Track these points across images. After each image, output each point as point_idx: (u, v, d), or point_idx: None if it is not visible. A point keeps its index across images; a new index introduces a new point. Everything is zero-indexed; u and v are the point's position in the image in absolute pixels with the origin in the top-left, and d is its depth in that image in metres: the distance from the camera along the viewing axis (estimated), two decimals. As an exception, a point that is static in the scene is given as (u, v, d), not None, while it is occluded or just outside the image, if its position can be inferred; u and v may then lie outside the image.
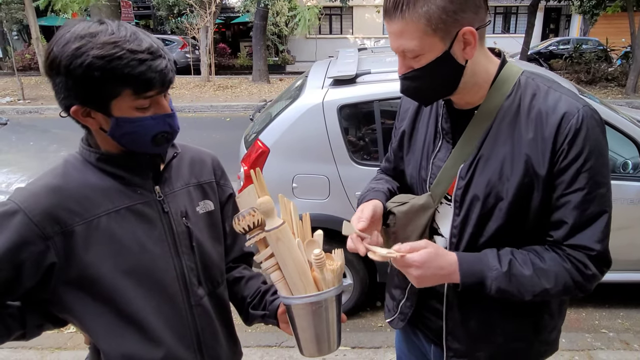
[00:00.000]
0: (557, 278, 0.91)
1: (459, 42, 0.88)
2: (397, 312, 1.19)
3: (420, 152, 1.09)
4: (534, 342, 1.07)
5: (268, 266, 0.90)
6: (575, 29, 21.12)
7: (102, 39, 0.78)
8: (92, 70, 0.77)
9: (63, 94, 0.83)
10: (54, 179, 0.87)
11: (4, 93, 11.51)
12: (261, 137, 2.66)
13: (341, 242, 1.01)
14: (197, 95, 11.52)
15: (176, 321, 0.95)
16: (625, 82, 11.04)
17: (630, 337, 2.59)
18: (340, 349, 2.48)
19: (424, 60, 0.89)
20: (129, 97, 0.81)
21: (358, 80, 2.63)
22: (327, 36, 21.70)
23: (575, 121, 0.88)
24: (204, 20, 12.61)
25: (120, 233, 0.88)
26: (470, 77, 0.93)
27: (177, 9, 17.83)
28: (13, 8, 16.76)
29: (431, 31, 0.86)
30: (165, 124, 0.87)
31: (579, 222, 0.90)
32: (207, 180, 1.05)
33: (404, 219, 1.06)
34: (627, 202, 2.54)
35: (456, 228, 1.00)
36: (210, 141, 7.10)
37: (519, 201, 0.92)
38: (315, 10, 13.27)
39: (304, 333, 0.93)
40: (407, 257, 0.89)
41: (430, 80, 0.93)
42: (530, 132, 0.91)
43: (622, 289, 3.05)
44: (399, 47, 0.90)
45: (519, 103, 0.94)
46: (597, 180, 0.90)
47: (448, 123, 1.03)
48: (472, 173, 0.97)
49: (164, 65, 0.82)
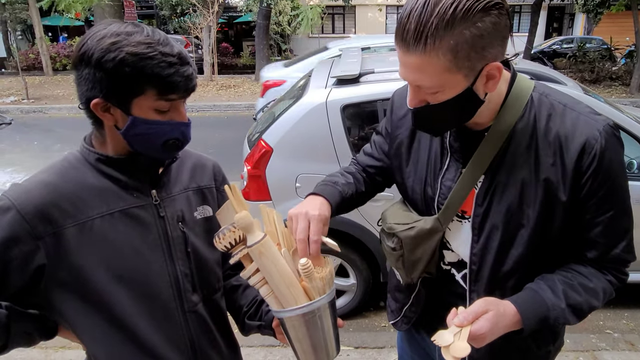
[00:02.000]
0: (604, 293, 0.94)
1: (482, 77, 0.81)
2: (400, 315, 1.17)
3: (424, 167, 1.03)
4: (551, 353, 1.08)
5: (255, 282, 0.88)
6: (579, 28, 21.01)
7: (138, 38, 0.81)
8: (124, 65, 0.79)
9: (88, 86, 0.83)
10: (50, 177, 0.86)
11: (8, 93, 11.55)
12: (264, 136, 2.66)
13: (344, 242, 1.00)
14: (200, 94, 11.53)
15: (169, 328, 0.93)
16: (629, 81, 10.98)
17: (635, 338, 2.57)
18: (344, 349, 2.48)
19: (442, 97, 0.82)
20: (152, 97, 0.83)
21: (362, 79, 2.62)
22: (330, 35, 21.66)
23: (599, 147, 0.85)
24: (206, 19, 12.61)
25: (114, 236, 0.86)
26: (485, 105, 0.88)
27: (180, 9, 17.85)
28: (17, 8, 16.82)
29: (455, 69, 0.78)
30: (179, 132, 0.88)
31: (612, 240, 0.92)
32: (207, 186, 1.04)
33: (412, 243, 1.01)
34: (634, 202, 2.51)
35: (476, 256, 0.97)
36: (213, 140, 7.10)
37: (540, 227, 0.90)
38: (318, 9, 13.27)
39: (300, 344, 0.90)
40: (473, 330, 0.82)
41: (445, 115, 0.87)
42: (549, 157, 0.88)
43: (627, 289, 3.02)
44: (415, 81, 0.82)
45: (534, 125, 0.89)
46: (623, 198, 0.91)
47: (457, 142, 0.97)
48: (490, 200, 0.93)
49: (190, 72, 0.85)
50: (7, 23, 17.54)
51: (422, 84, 0.82)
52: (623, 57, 13.56)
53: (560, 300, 0.90)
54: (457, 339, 0.81)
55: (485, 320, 0.83)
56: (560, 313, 0.90)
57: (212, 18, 12.55)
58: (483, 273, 0.97)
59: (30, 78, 11.88)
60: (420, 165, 1.04)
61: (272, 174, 2.61)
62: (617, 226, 0.91)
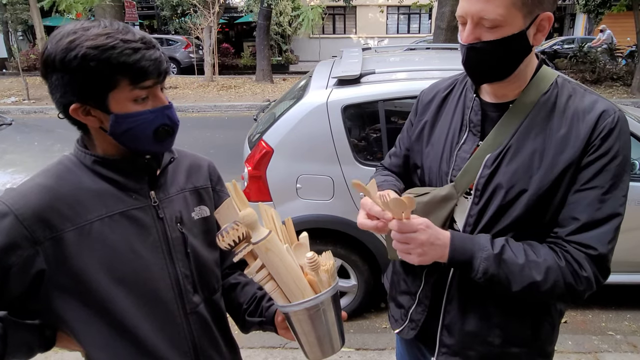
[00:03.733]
0: (548, 273, 0.88)
1: (535, 25, 0.87)
2: (406, 320, 1.14)
3: (442, 144, 1.06)
4: (530, 348, 1.04)
5: (260, 278, 0.88)
6: (580, 28, 21.00)
7: (95, 31, 0.79)
8: (87, 60, 0.77)
9: (60, 92, 0.82)
10: (46, 180, 0.85)
11: (9, 93, 11.56)
12: (265, 137, 2.65)
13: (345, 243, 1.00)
14: (201, 95, 11.53)
15: (171, 329, 0.93)
16: (630, 81, 10.97)
17: (637, 340, 2.56)
18: (345, 351, 2.47)
19: (500, 34, 0.86)
20: (126, 88, 0.81)
21: (362, 80, 2.61)
22: (331, 36, 21.68)
23: (611, 120, 0.89)
24: (207, 20, 12.62)
25: (113, 239, 0.85)
26: (524, 66, 0.93)
27: (180, 9, 17.86)
28: (18, 9, 16.85)
29: (520, 4, 0.83)
30: (165, 117, 0.86)
31: (590, 221, 0.89)
32: (203, 186, 1.03)
33: (424, 210, 1.00)
34: (635, 204, 2.51)
35: (472, 217, 0.98)
36: (214, 141, 7.10)
37: (542, 195, 0.91)
38: (319, 9, 13.28)
39: (306, 337, 0.92)
40: (413, 220, 0.87)
41: (496, 56, 0.89)
42: (564, 128, 0.91)
43: (629, 291, 3.03)
44: (480, 11, 0.85)
45: (554, 101, 0.94)
46: (617, 182, 0.89)
47: (478, 116, 1.01)
48: (499, 163, 0.95)
49: (158, 55, 0.83)
50: (8, 23, 17.57)
51: (487, 15, 0.84)
52: (624, 58, 13.54)
53: (495, 247, 0.90)
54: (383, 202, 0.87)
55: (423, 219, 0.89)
56: (488, 257, 0.89)
57: (212, 19, 12.56)
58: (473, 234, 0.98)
59: (31, 78, 11.88)
60: (438, 143, 1.07)
61: (272, 175, 2.61)
62: (600, 209, 0.89)
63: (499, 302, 0.99)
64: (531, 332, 1.02)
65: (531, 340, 1.03)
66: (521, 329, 1.02)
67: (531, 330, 1.02)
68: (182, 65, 16.41)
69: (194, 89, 12.29)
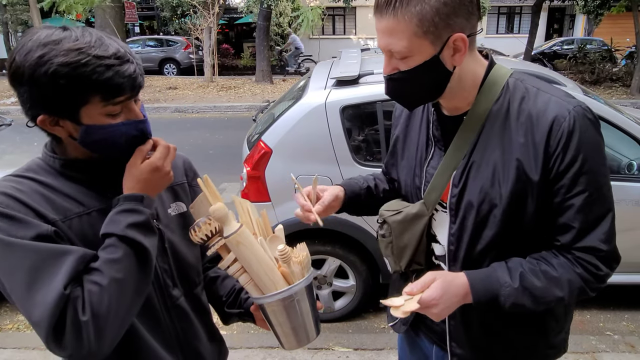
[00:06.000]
0: (570, 285, 0.91)
1: (449, 48, 0.86)
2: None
3: (413, 159, 1.08)
4: (538, 346, 1.06)
5: (234, 271, 0.90)
6: (580, 29, 21.02)
7: (66, 45, 0.76)
8: (58, 78, 0.75)
9: (29, 104, 0.80)
10: (19, 183, 0.83)
11: (9, 94, 11.56)
12: (264, 137, 2.66)
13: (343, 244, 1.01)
14: (201, 95, 11.53)
15: (154, 323, 0.94)
16: (630, 82, 10.97)
17: (635, 340, 2.57)
18: (343, 351, 2.48)
19: (412, 63, 0.87)
20: (98, 104, 0.79)
21: (361, 80, 2.62)
22: (330, 36, 21.69)
23: (567, 124, 0.86)
24: (207, 21, 12.63)
25: (92, 236, 0.84)
26: (457, 82, 0.92)
27: (180, 10, 17.87)
28: (18, 9, 16.85)
29: (422, 33, 0.84)
30: (137, 130, 0.85)
31: (585, 225, 0.89)
32: (178, 182, 1.04)
33: (399, 228, 1.06)
34: (633, 204, 2.51)
35: (453, 236, 0.99)
36: (213, 142, 7.11)
37: (513, 207, 0.91)
38: (318, 10, 13.27)
39: (281, 328, 0.94)
40: (423, 297, 0.87)
41: (416, 84, 0.91)
42: (520, 136, 0.90)
43: (627, 291, 3.03)
44: (387, 45, 0.88)
45: (507, 107, 0.92)
46: (598, 181, 0.89)
47: (439, 130, 1.02)
48: (465, 180, 0.95)
49: (133, 70, 0.80)
50: (8, 24, 17.57)
51: (393, 48, 0.87)
52: (623, 59, 13.55)
53: (514, 280, 0.90)
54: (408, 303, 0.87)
55: (434, 289, 0.88)
56: (512, 292, 0.90)
57: (212, 19, 12.57)
58: (459, 253, 0.99)
59: (31, 79, 11.86)
60: (410, 158, 1.10)
61: (271, 175, 2.61)
62: (591, 211, 0.89)
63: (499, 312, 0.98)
64: (537, 332, 1.04)
65: (538, 338, 1.04)
66: (526, 331, 1.03)
67: (537, 330, 1.04)
68: (181, 66, 16.42)
69: (194, 90, 12.29)
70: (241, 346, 2.51)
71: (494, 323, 1.02)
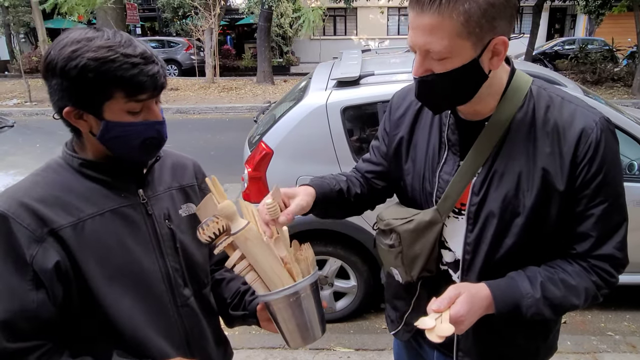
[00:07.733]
0: (586, 292, 0.92)
1: (489, 51, 0.82)
2: (402, 324, 1.15)
3: (422, 163, 1.03)
4: (540, 349, 1.07)
5: (241, 269, 0.90)
6: (581, 29, 20.99)
7: (98, 43, 0.81)
8: (86, 71, 0.80)
9: (58, 95, 0.85)
10: (35, 184, 0.87)
11: (11, 95, 11.60)
12: (265, 138, 2.67)
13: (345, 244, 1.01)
14: (202, 96, 11.56)
15: (164, 322, 0.96)
16: (631, 82, 10.96)
17: (636, 340, 2.57)
18: (344, 352, 2.48)
19: (449, 65, 0.82)
20: (121, 100, 0.83)
21: (362, 81, 2.63)
22: (331, 37, 21.71)
23: (595, 136, 0.87)
24: (208, 22, 12.65)
25: (106, 236, 0.88)
26: (487, 87, 0.88)
27: (182, 11, 17.91)
28: (20, 11, 16.92)
29: (466, 34, 0.79)
30: (155, 131, 0.89)
31: (603, 234, 0.90)
32: (189, 184, 1.06)
33: (410, 237, 1.00)
34: (634, 204, 2.51)
35: (470, 245, 0.97)
36: (214, 143, 7.12)
37: (536, 216, 0.90)
38: (319, 11, 13.29)
39: (286, 325, 0.94)
40: (452, 314, 0.84)
41: (449, 88, 0.86)
42: (547, 146, 0.89)
43: (628, 291, 3.02)
44: (425, 45, 0.81)
45: (532, 115, 0.90)
46: (617, 191, 0.91)
47: (455, 135, 0.98)
48: (487, 188, 0.93)
49: (156, 70, 0.85)
50: (10, 26, 17.63)
51: (432, 47, 0.81)
52: (625, 59, 13.53)
53: (536, 290, 0.90)
54: (439, 322, 0.84)
55: (461, 304, 0.85)
56: (533, 302, 0.90)
57: (213, 20, 12.59)
58: (476, 262, 0.97)
59: (33, 81, 11.92)
60: (419, 161, 1.04)
61: (272, 176, 2.62)
62: (609, 220, 0.90)
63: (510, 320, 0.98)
64: (542, 335, 1.04)
65: (542, 341, 1.05)
66: (533, 335, 1.03)
67: (542, 333, 1.04)
68: (183, 67, 16.46)
69: (195, 91, 12.32)
70: (243, 346, 2.51)
71: (502, 330, 1.01)
